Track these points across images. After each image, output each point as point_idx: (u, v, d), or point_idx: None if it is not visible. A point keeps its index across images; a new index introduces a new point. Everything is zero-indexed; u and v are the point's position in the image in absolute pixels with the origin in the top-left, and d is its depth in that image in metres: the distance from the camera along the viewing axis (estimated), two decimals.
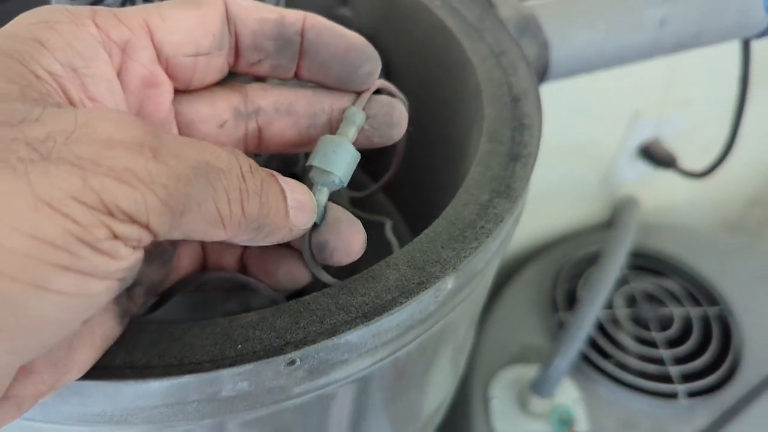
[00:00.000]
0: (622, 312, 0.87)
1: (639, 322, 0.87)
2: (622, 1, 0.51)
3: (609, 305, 0.87)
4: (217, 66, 0.23)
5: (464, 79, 0.37)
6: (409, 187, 0.47)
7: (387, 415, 0.31)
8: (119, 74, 0.21)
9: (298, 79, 0.25)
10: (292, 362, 0.21)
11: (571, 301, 0.88)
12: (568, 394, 0.79)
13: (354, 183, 0.28)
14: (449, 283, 0.24)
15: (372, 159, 0.50)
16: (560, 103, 0.66)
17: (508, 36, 0.37)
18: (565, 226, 1.01)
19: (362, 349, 0.23)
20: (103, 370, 0.21)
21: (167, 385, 0.20)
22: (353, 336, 0.22)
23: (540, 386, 0.75)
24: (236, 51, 0.23)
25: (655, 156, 0.93)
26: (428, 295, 0.24)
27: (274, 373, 0.21)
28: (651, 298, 0.90)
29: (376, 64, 0.25)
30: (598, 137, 0.92)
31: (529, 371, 0.80)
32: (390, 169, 0.34)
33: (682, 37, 0.55)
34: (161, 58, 0.21)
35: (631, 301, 0.90)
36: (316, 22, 0.24)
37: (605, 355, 0.82)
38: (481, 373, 0.82)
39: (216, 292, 0.33)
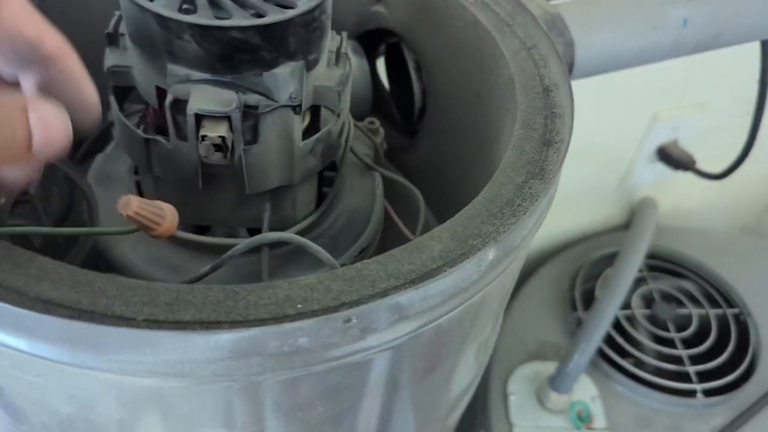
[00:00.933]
0: (640, 312, 0.88)
1: (657, 322, 0.88)
2: (645, 1, 0.53)
3: (627, 305, 0.88)
4: None
5: (496, 72, 0.39)
6: (438, 177, 0.49)
7: (421, 387, 0.33)
8: None
9: None
10: (348, 320, 0.23)
11: (590, 300, 0.89)
12: (585, 391, 0.80)
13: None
14: (490, 254, 0.26)
15: (401, 151, 0.52)
16: (579, 105, 0.67)
17: (539, 30, 0.39)
18: (583, 227, 1.02)
19: (410, 312, 0.25)
20: (174, 324, 0.23)
21: (236, 337, 0.22)
22: (404, 298, 0.24)
23: (558, 382, 0.77)
24: None
25: (674, 158, 0.94)
26: (471, 264, 0.25)
27: (332, 330, 0.23)
28: (669, 299, 0.91)
29: None
30: (617, 139, 0.93)
31: (547, 368, 0.82)
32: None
33: (704, 37, 0.56)
34: None
35: (649, 302, 0.91)
36: None
37: (623, 353, 0.83)
38: (499, 369, 0.83)
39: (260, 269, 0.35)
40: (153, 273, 0.35)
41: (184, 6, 0.29)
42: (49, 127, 0.23)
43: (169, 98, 0.30)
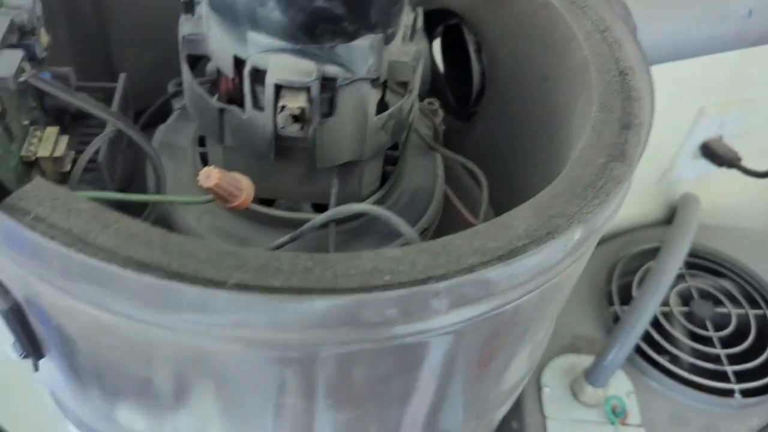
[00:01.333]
0: (677, 309, 0.87)
1: (694, 319, 0.86)
2: None
3: (665, 302, 0.87)
4: None
5: (567, 55, 0.38)
6: (495, 160, 0.48)
7: (488, 369, 0.33)
8: None
9: None
10: (437, 294, 0.23)
11: (627, 295, 0.88)
12: (621, 386, 0.79)
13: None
14: (577, 233, 0.26)
15: (459, 134, 0.52)
16: None
17: (612, 13, 0.38)
18: (621, 222, 1.00)
19: (497, 289, 0.24)
20: (265, 289, 0.23)
21: (328, 305, 0.22)
22: (492, 274, 0.24)
23: (594, 376, 0.76)
24: None
25: (718, 154, 0.92)
26: (558, 243, 0.25)
27: (421, 303, 0.23)
28: (707, 297, 0.90)
29: None
30: (661, 133, 0.91)
31: (581, 361, 0.81)
32: None
33: (767, 29, 0.55)
34: None
35: (687, 300, 0.89)
36: None
37: (660, 350, 0.82)
38: None
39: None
40: None
41: None
42: None
43: (248, 68, 0.30)
